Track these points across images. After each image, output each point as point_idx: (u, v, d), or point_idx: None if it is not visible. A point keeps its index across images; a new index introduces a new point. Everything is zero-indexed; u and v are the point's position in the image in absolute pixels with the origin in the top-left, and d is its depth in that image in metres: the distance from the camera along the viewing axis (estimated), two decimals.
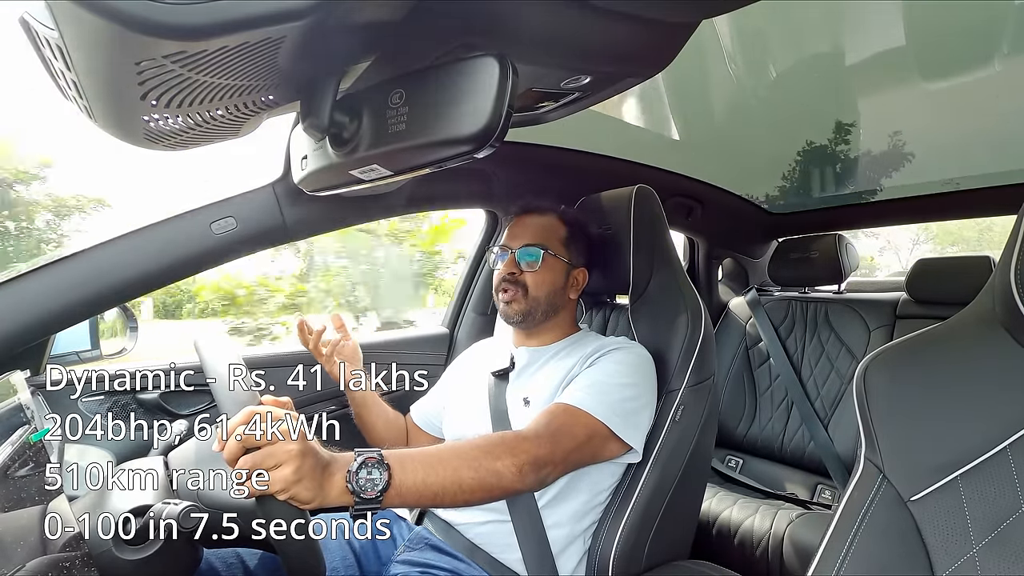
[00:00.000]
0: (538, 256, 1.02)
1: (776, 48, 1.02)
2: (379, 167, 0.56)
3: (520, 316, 1.02)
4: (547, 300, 1.03)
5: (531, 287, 1.02)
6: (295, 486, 0.58)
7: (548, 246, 1.03)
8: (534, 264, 1.02)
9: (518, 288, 1.01)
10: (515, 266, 1.02)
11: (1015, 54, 0.95)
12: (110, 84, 0.44)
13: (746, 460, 1.83)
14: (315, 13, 0.40)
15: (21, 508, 0.57)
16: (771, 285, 2.04)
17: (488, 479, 0.71)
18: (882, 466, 0.58)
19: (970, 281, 1.48)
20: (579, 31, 0.57)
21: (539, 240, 1.03)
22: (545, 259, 1.02)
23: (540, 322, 1.04)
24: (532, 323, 1.04)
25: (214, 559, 0.84)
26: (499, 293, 1.04)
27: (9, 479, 0.57)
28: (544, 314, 1.04)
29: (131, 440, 1.10)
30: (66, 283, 0.84)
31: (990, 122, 1.24)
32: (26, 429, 0.65)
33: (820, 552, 0.59)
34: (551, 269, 1.03)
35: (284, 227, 1.00)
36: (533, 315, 1.03)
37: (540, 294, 1.02)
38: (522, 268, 1.02)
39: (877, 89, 1.15)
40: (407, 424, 1.18)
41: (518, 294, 1.01)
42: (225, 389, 0.64)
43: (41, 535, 0.56)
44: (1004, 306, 0.55)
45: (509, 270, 1.02)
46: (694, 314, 1.01)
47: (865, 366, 0.62)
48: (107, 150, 6.82)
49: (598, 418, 0.85)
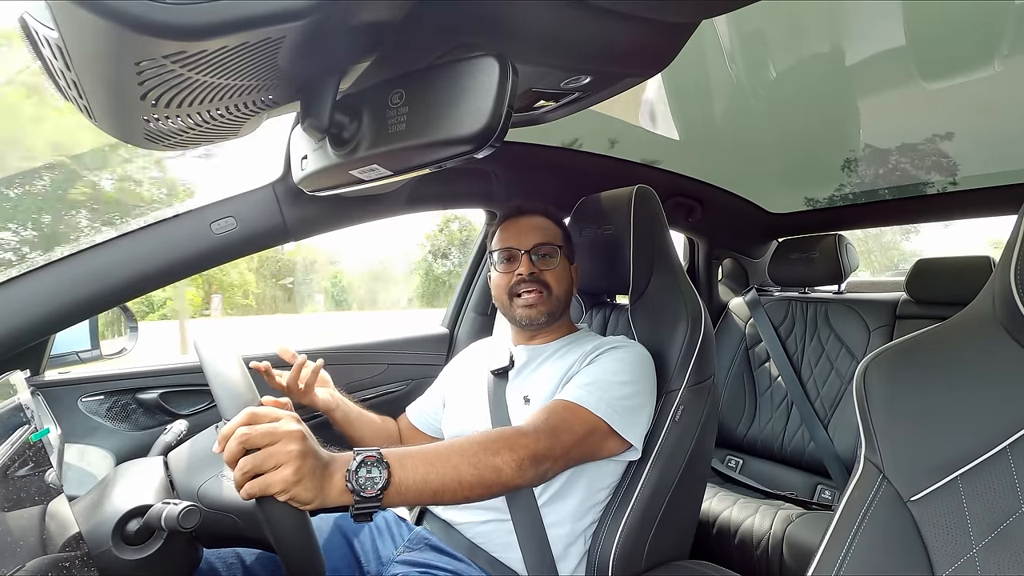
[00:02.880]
0: (556, 254, 1.03)
1: (776, 48, 1.02)
2: (379, 167, 0.56)
3: (545, 316, 1.02)
4: (566, 298, 1.05)
5: (554, 285, 1.02)
6: (295, 487, 0.58)
7: (558, 244, 1.04)
8: (553, 262, 1.03)
9: (542, 288, 1.01)
10: (532, 265, 1.01)
11: (1015, 54, 0.95)
12: (110, 84, 0.44)
13: (746, 460, 1.83)
14: (315, 13, 0.40)
15: (21, 508, 0.57)
16: (771, 285, 2.04)
17: (488, 475, 0.71)
18: (882, 466, 0.58)
19: (970, 281, 1.49)
20: (579, 31, 0.57)
21: (550, 239, 1.04)
22: (560, 257, 1.04)
23: (556, 320, 1.05)
24: (553, 322, 1.05)
25: (214, 559, 0.84)
26: (516, 297, 1.02)
27: (9, 479, 0.57)
28: (561, 312, 1.05)
29: (131, 440, 1.11)
30: (66, 283, 0.84)
31: (990, 122, 1.24)
32: (26, 429, 0.65)
33: (820, 552, 0.59)
34: (564, 267, 1.05)
35: (284, 227, 1.00)
36: (555, 315, 1.04)
37: (561, 292, 1.04)
38: (540, 267, 1.02)
39: (877, 89, 1.15)
40: (401, 426, 1.18)
41: (543, 295, 1.01)
42: (225, 389, 0.64)
43: (41, 535, 0.56)
44: (1004, 306, 0.55)
45: (529, 270, 1.01)
46: (694, 314, 1.01)
47: (865, 366, 0.63)
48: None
49: (597, 414, 0.85)
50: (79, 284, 0.85)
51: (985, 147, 1.38)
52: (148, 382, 1.15)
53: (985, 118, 1.22)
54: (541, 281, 1.01)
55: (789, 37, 0.98)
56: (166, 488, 0.74)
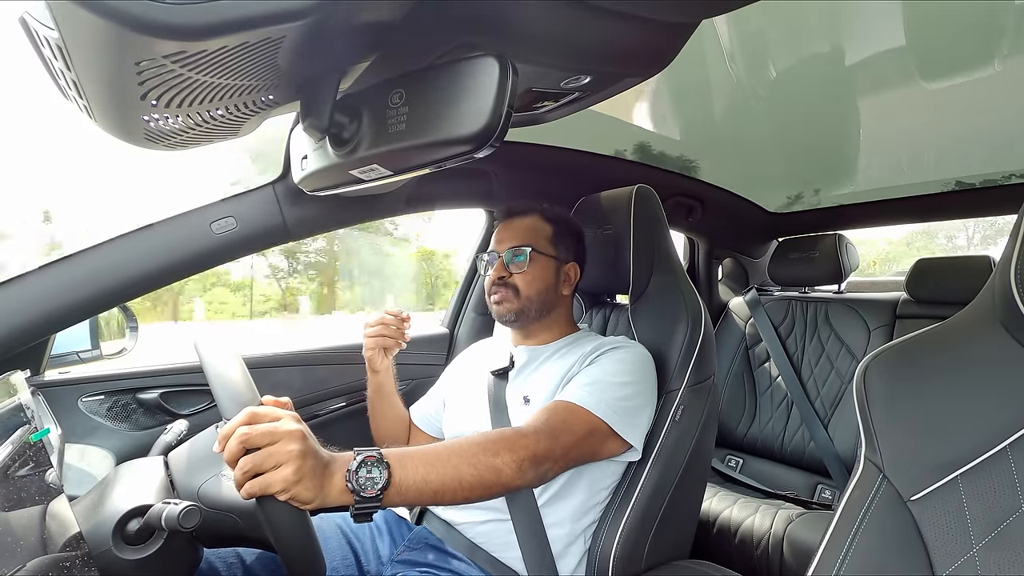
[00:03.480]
0: (525, 256, 1.03)
1: (776, 48, 1.02)
2: (379, 167, 0.56)
3: (513, 315, 1.04)
4: (539, 298, 1.04)
5: (522, 287, 1.03)
6: (295, 486, 0.58)
7: (534, 245, 1.04)
8: (522, 264, 1.03)
9: (508, 289, 1.03)
10: (503, 269, 1.04)
11: (1015, 54, 0.95)
12: (110, 84, 0.44)
13: (746, 460, 1.83)
14: (315, 13, 0.40)
15: (21, 508, 0.57)
16: (771, 285, 2.04)
17: (487, 475, 0.71)
18: (882, 466, 0.58)
19: (970, 281, 1.49)
20: (579, 31, 0.57)
21: (525, 240, 1.04)
22: (533, 258, 1.03)
23: (535, 320, 1.05)
24: (526, 321, 1.05)
25: (214, 559, 0.84)
26: (490, 296, 1.06)
27: (9, 479, 0.57)
28: (538, 312, 1.05)
29: (131, 440, 1.11)
30: (66, 283, 0.84)
31: (990, 122, 1.24)
32: (26, 429, 0.65)
33: (820, 552, 0.59)
34: (540, 267, 1.04)
35: (284, 227, 1.00)
36: (526, 313, 1.04)
37: (531, 292, 1.03)
38: (511, 270, 1.04)
39: (877, 89, 1.14)
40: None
41: (508, 294, 1.03)
42: (225, 389, 0.64)
43: (41, 535, 0.56)
44: (1004, 306, 0.55)
45: (499, 274, 1.04)
46: (694, 314, 1.01)
47: (865, 366, 0.63)
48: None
49: (597, 415, 0.85)
50: (79, 284, 0.85)
51: (985, 147, 1.38)
52: (148, 382, 1.15)
53: (985, 118, 1.22)
54: (508, 284, 1.03)
55: (789, 37, 0.98)
56: (166, 488, 0.74)
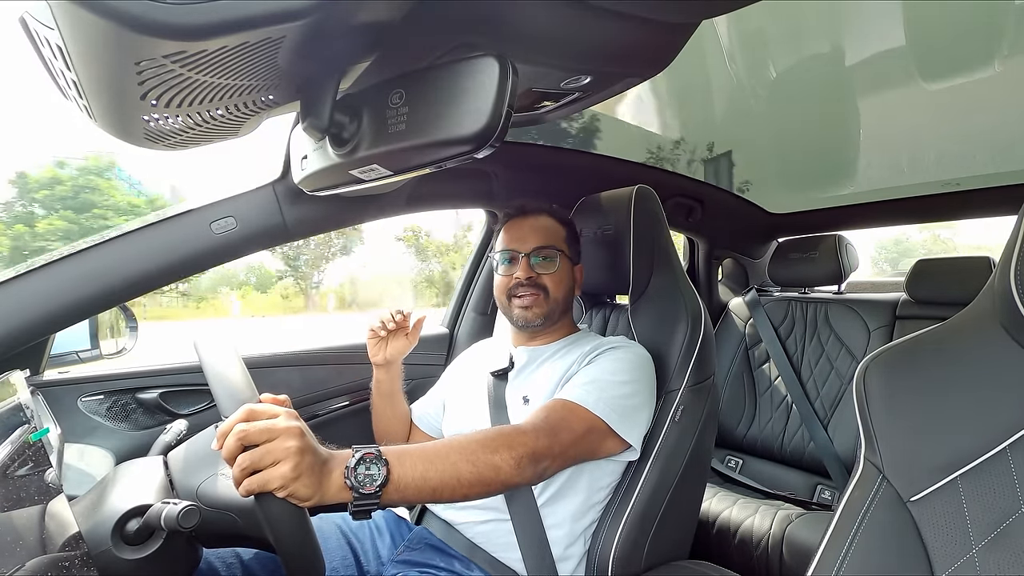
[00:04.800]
0: (555, 257, 1.03)
1: (776, 48, 1.02)
2: (379, 167, 0.56)
3: (541, 319, 1.02)
4: (564, 300, 1.05)
5: (551, 288, 1.02)
6: (294, 483, 0.57)
7: (559, 246, 1.04)
8: (550, 265, 1.02)
9: (539, 291, 1.01)
10: (530, 269, 1.02)
11: (1015, 54, 0.95)
12: (110, 84, 0.44)
13: (746, 460, 1.83)
14: (315, 13, 0.40)
15: (21, 508, 0.57)
16: (771, 285, 2.04)
17: (486, 472, 0.71)
18: (882, 466, 0.58)
19: (970, 281, 1.49)
20: (579, 31, 0.57)
21: (551, 241, 1.04)
22: (560, 260, 1.03)
23: (555, 322, 1.05)
24: (550, 323, 1.05)
25: (213, 559, 0.84)
26: (514, 299, 1.03)
27: (9, 479, 0.57)
28: (560, 314, 1.05)
29: (130, 440, 1.11)
30: (66, 283, 0.84)
31: (990, 122, 1.24)
32: (26, 429, 0.65)
33: (820, 552, 0.59)
34: (565, 269, 1.04)
35: (284, 227, 1.00)
36: (552, 317, 1.04)
37: (559, 295, 1.03)
38: (538, 271, 1.02)
39: (877, 89, 1.14)
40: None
41: (539, 297, 1.01)
42: (224, 388, 0.64)
43: (41, 535, 0.56)
44: (1004, 306, 0.55)
45: (527, 274, 1.01)
46: (694, 314, 1.01)
47: (865, 367, 0.62)
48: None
49: (596, 413, 0.85)
50: (79, 284, 0.85)
51: (985, 147, 1.38)
52: (148, 382, 1.15)
53: (985, 118, 1.22)
54: (539, 285, 1.02)
55: (789, 37, 0.98)
56: (166, 488, 0.74)
